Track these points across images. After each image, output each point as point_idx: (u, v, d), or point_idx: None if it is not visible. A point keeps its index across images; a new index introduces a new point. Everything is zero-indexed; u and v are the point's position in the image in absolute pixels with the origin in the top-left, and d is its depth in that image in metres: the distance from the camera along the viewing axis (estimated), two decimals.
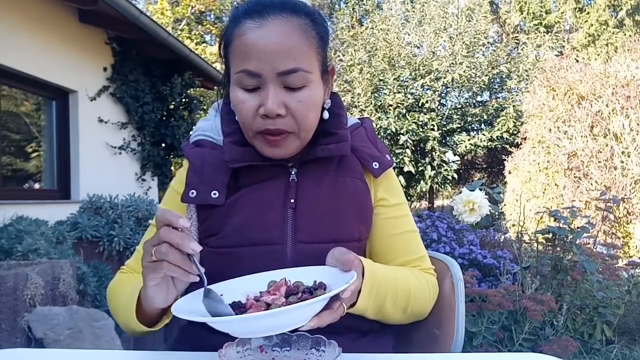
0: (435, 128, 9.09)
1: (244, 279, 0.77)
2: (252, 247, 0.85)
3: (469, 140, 9.52)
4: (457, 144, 9.57)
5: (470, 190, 2.05)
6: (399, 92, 9.04)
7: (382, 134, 8.88)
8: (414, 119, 8.98)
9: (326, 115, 0.91)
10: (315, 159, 0.89)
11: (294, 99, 0.81)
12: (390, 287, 0.84)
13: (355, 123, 1.00)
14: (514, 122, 9.05)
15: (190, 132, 1.01)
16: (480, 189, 2.09)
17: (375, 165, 0.93)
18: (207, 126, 0.97)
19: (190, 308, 0.67)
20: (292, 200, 0.87)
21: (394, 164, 1.01)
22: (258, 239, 0.85)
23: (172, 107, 5.86)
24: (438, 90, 9.22)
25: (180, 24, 12.68)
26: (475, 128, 10.31)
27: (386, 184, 0.96)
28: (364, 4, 12.80)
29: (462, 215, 2.04)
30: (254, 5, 0.82)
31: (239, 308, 0.68)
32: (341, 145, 0.89)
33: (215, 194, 0.87)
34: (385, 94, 9.17)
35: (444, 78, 9.05)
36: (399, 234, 0.95)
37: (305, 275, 0.74)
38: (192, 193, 0.87)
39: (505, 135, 9.23)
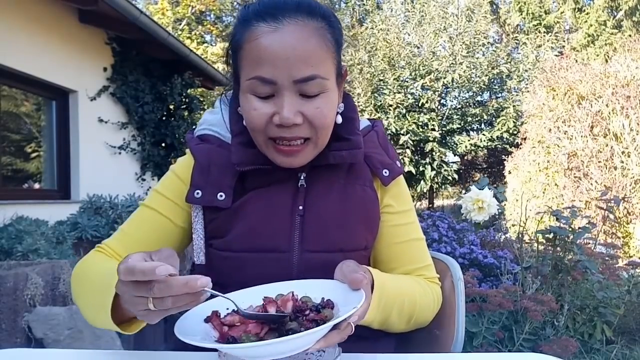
0: (436, 128, 9.08)
1: (251, 290, 0.75)
2: (258, 253, 0.83)
3: (469, 140, 9.51)
4: (457, 145, 9.56)
5: (479, 189, 2.03)
6: (399, 92, 9.03)
7: None
8: (414, 119, 8.97)
9: (339, 119, 0.87)
10: (325, 164, 0.86)
11: (310, 107, 0.77)
12: (398, 299, 0.82)
13: (366, 126, 0.97)
14: (514, 122, 9.05)
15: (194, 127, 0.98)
16: (490, 189, 2.08)
17: (386, 172, 0.90)
18: (215, 120, 0.94)
19: (192, 328, 0.66)
20: (301, 207, 0.85)
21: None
22: (264, 246, 0.83)
23: (172, 107, 5.85)
24: (438, 91, 9.21)
25: (180, 24, 12.67)
26: (475, 128, 10.31)
27: (394, 191, 0.94)
28: (364, 4, 12.80)
29: (470, 214, 2.01)
30: (267, 8, 0.77)
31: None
32: (354, 152, 0.86)
33: (221, 196, 0.84)
34: (385, 94, 9.16)
35: (444, 78, 9.04)
36: (404, 242, 0.93)
37: (313, 289, 0.73)
38: (198, 193, 0.85)
39: (505, 135, 9.23)
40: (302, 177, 0.87)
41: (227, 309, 0.70)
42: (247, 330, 0.65)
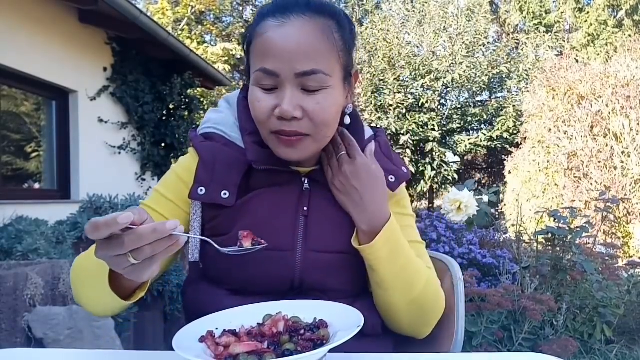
0: (436, 128, 9.09)
1: (239, 309, 0.75)
2: (261, 251, 0.84)
3: (469, 140, 9.52)
4: (457, 144, 9.57)
5: (460, 190, 2.09)
6: (399, 92, 9.03)
7: None
8: (414, 119, 8.98)
9: (347, 120, 0.89)
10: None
11: (311, 101, 0.78)
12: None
13: (370, 136, 0.97)
14: (514, 122, 9.06)
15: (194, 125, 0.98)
16: (469, 190, 2.11)
17: (392, 179, 0.91)
18: (219, 119, 0.94)
19: (191, 343, 0.65)
20: (305, 208, 0.86)
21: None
22: (268, 244, 0.83)
23: (172, 107, 5.85)
24: (438, 90, 9.21)
25: (180, 24, 12.67)
26: (475, 128, 10.31)
27: (398, 196, 0.94)
28: (364, 4, 12.80)
29: (449, 214, 2.10)
30: (278, 5, 0.80)
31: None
32: None
33: (225, 194, 0.84)
34: (385, 94, 9.16)
35: (444, 78, 9.05)
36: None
37: (300, 309, 0.73)
38: (201, 190, 0.85)
39: (505, 135, 9.23)
40: (305, 182, 0.88)
41: (217, 328, 0.69)
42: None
